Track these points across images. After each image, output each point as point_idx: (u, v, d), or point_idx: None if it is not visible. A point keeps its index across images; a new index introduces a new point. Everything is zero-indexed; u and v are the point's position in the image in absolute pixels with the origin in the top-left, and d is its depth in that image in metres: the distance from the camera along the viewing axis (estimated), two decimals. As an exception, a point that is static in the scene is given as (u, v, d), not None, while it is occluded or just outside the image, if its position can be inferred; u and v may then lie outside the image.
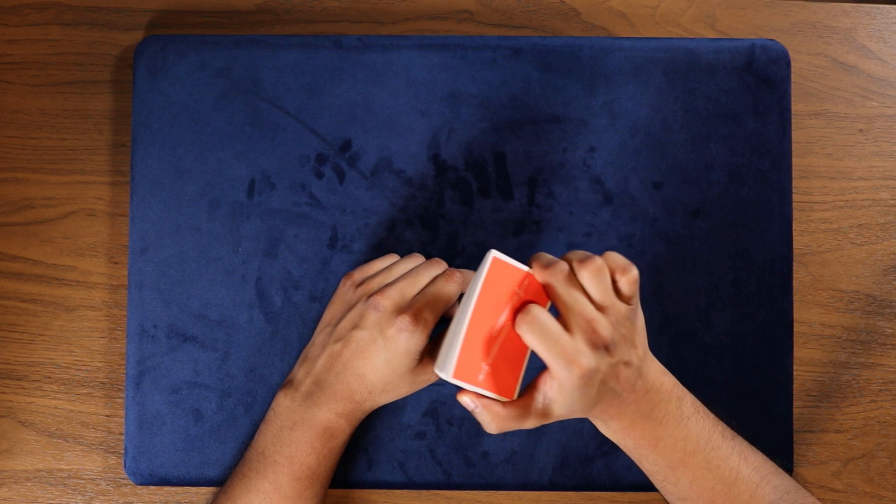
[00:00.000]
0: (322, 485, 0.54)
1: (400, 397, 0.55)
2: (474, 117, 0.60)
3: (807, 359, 0.62)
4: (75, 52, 0.63)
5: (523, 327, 0.47)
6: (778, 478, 0.52)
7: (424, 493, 0.61)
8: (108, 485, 0.61)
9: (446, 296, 0.53)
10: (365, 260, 0.60)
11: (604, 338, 0.46)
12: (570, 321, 0.47)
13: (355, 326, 0.53)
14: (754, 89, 0.61)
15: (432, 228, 0.60)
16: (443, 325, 0.56)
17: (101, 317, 0.62)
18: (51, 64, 0.63)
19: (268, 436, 0.54)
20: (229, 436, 0.59)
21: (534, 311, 0.47)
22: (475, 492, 0.61)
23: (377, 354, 0.52)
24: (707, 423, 0.52)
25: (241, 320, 0.59)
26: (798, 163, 0.63)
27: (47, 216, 0.62)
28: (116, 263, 0.62)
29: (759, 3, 0.65)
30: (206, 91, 0.60)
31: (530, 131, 0.60)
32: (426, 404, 0.59)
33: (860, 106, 0.64)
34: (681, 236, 0.60)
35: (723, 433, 0.52)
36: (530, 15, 0.64)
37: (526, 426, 0.48)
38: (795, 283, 0.62)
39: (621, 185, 0.60)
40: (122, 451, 0.61)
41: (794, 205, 0.63)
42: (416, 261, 0.56)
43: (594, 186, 0.60)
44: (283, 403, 0.54)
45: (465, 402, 0.48)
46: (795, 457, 0.61)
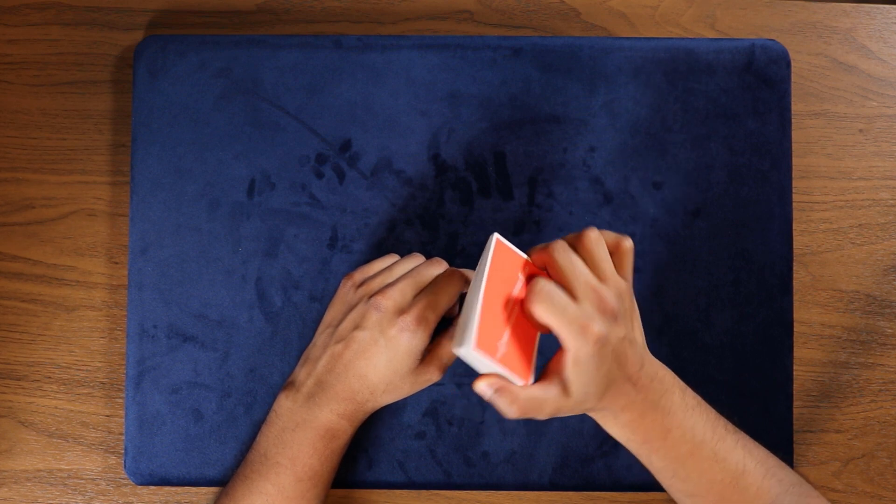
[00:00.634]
0: (324, 486, 0.54)
1: (401, 398, 0.55)
2: (474, 117, 0.60)
3: (807, 359, 0.62)
4: (75, 52, 0.63)
5: (534, 300, 0.46)
6: (782, 471, 0.52)
7: (424, 493, 0.61)
8: (108, 485, 0.61)
9: (447, 295, 0.53)
10: (365, 260, 0.60)
11: (611, 305, 0.46)
12: (576, 290, 0.46)
13: (356, 327, 0.53)
14: (754, 89, 0.61)
15: (432, 228, 0.60)
16: (444, 325, 0.56)
17: (101, 317, 0.62)
18: (51, 64, 0.63)
19: (269, 437, 0.54)
20: (229, 436, 0.59)
21: (541, 283, 0.46)
22: (475, 492, 0.61)
23: (379, 355, 0.52)
24: (710, 414, 0.52)
25: (241, 320, 0.59)
26: (798, 163, 0.63)
27: (47, 216, 0.62)
28: (116, 263, 0.62)
29: (759, 3, 0.65)
30: (206, 91, 0.60)
31: (530, 131, 0.60)
32: (426, 404, 0.59)
33: (860, 106, 0.64)
34: (681, 236, 0.60)
35: (725, 426, 0.52)
36: (530, 15, 0.64)
37: (543, 411, 0.47)
38: (795, 283, 0.62)
39: (621, 185, 0.60)
40: (122, 451, 0.61)
41: (794, 205, 0.63)
42: (416, 261, 0.56)
43: (594, 186, 0.60)
44: (285, 405, 0.54)
45: (481, 388, 0.47)
46: (795, 457, 0.61)
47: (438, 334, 0.55)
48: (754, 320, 0.60)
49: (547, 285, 0.46)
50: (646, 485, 0.59)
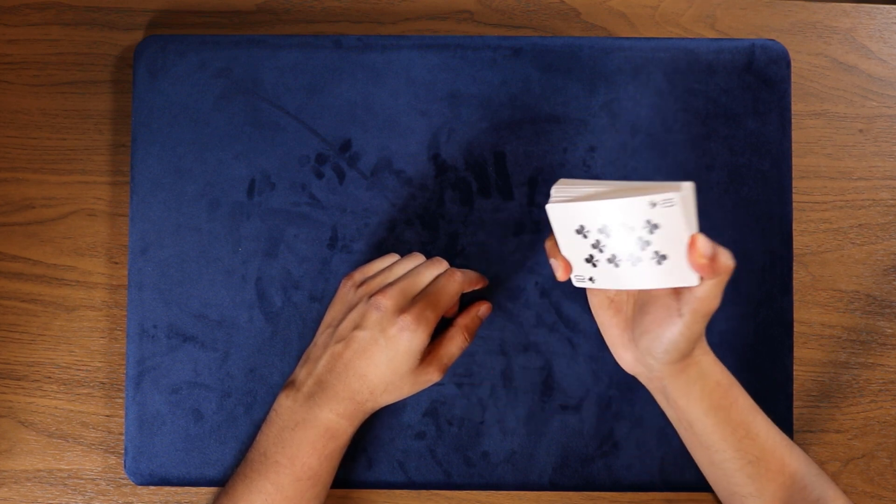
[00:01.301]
0: (324, 486, 0.54)
1: (402, 398, 0.55)
2: (474, 117, 0.60)
3: (807, 359, 0.62)
4: (75, 52, 0.63)
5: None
6: (797, 448, 0.55)
7: (424, 493, 0.61)
8: (108, 485, 0.61)
9: (447, 295, 0.53)
10: (365, 260, 0.60)
11: None
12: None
13: (357, 327, 0.53)
14: (754, 89, 0.61)
15: (432, 228, 0.60)
16: (444, 325, 0.56)
17: (101, 317, 0.62)
18: (51, 64, 0.63)
19: (269, 436, 0.54)
20: (229, 436, 0.59)
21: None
22: (475, 492, 0.61)
23: (379, 354, 0.52)
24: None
25: (241, 320, 0.59)
26: (798, 163, 0.63)
27: (47, 216, 0.62)
28: (116, 263, 0.62)
29: (759, 3, 0.65)
30: (206, 91, 0.60)
31: (530, 131, 0.60)
32: (426, 404, 0.59)
33: (860, 106, 0.64)
34: (681, 236, 0.60)
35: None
36: (530, 15, 0.64)
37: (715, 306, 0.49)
38: (795, 283, 0.62)
39: (621, 185, 0.60)
40: (122, 451, 0.61)
41: (794, 205, 0.63)
42: (416, 260, 0.56)
43: (594, 186, 0.60)
44: (285, 404, 0.54)
45: (701, 246, 0.48)
46: (795, 457, 0.62)
47: (438, 334, 0.55)
48: (754, 320, 0.60)
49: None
50: (645, 485, 0.59)
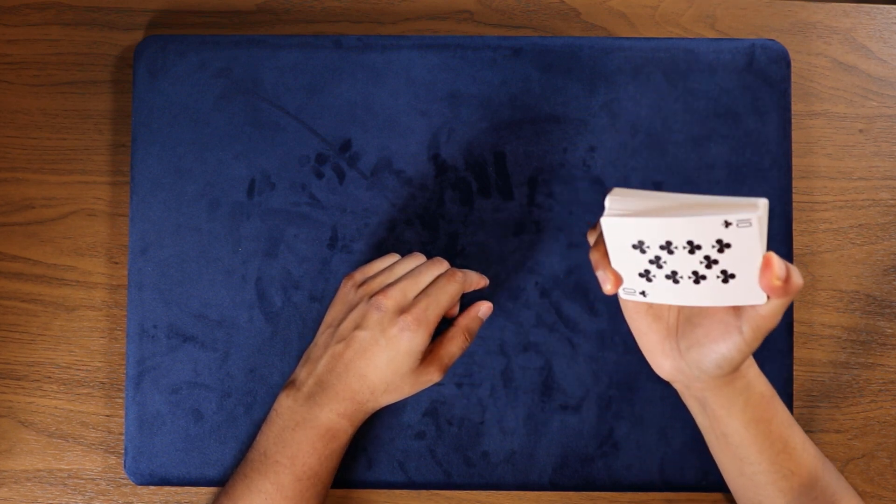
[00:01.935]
0: (324, 485, 0.54)
1: (402, 398, 0.55)
2: (474, 117, 0.60)
3: (807, 359, 0.62)
4: (75, 52, 0.63)
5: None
6: (829, 463, 0.54)
7: (424, 493, 0.61)
8: (108, 485, 0.61)
9: (448, 295, 0.53)
10: (365, 260, 0.60)
11: None
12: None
13: (357, 327, 0.53)
14: (754, 89, 0.61)
15: (432, 228, 0.60)
16: (444, 325, 0.56)
17: (101, 317, 0.62)
18: (51, 64, 0.63)
19: (269, 436, 0.54)
20: (229, 436, 0.59)
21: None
22: (475, 492, 0.61)
23: (379, 354, 0.52)
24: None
25: (241, 320, 0.59)
26: (798, 163, 0.63)
27: (47, 216, 0.62)
28: (116, 263, 0.62)
29: (759, 3, 0.65)
30: (206, 91, 0.60)
31: (530, 131, 0.60)
32: (426, 404, 0.59)
33: (860, 106, 0.64)
34: (681, 236, 0.60)
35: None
36: (530, 15, 0.64)
37: (762, 329, 0.47)
38: (795, 283, 0.62)
39: (621, 185, 0.60)
40: (122, 451, 0.61)
41: (794, 205, 0.63)
42: (417, 260, 0.56)
43: (594, 186, 0.60)
44: (285, 404, 0.54)
45: (777, 268, 0.44)
46: (795, 457, 0.62)
47: (439, 334, 0.55)
48: (754, 320, 0.60)
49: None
50: (646, 485, 0.59)
